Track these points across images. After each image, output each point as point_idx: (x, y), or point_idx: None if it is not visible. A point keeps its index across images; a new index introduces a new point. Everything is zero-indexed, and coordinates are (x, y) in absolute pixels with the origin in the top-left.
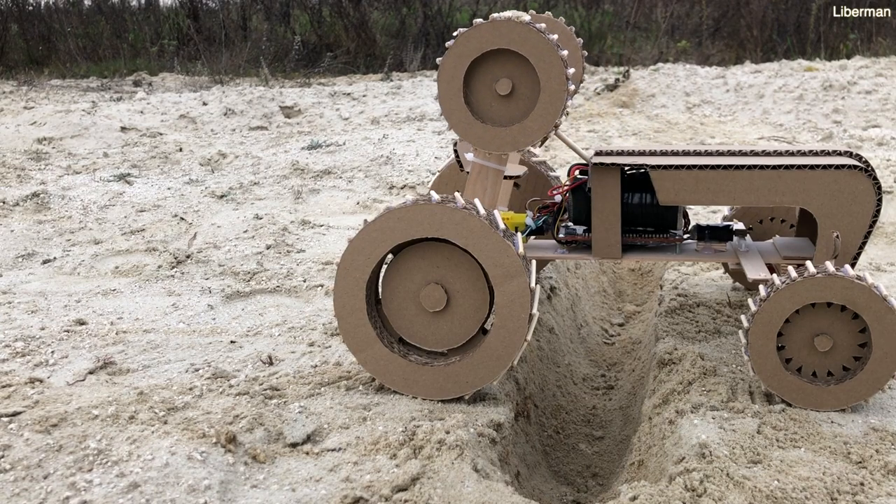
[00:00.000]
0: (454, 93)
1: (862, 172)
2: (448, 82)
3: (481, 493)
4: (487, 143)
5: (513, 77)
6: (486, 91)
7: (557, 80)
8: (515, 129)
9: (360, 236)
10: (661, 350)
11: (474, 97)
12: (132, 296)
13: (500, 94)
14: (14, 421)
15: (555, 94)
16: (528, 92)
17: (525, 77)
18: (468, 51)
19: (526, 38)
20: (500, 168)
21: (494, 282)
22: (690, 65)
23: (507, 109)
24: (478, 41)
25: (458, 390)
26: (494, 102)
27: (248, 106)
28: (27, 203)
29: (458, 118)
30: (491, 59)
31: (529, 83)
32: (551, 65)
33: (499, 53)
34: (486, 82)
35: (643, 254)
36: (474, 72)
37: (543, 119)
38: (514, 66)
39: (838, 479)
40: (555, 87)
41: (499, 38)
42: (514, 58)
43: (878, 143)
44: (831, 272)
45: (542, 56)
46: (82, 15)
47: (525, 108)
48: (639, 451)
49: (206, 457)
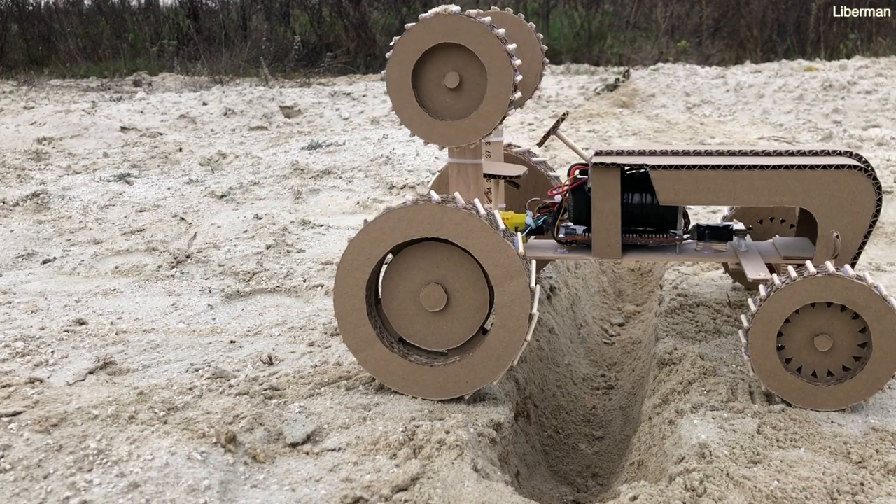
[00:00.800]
0: (404, 89)
1: (862, 172)
2: (397, 79)
3: (481, 493)
4: (439, 138)
5: (460, 70)
6: (435, 86)
7: (503, 71)
8: (466, 122)
9: (361, 236)
10: (661, 350)
11: (424, 92)
12: (132, 296)
13: (448, 87)
14: (14, 421)
15: (502, 85)
16: (476, 85)
17: (472, 70)
18: (415, 47)
19: (470, 31)
20: (477, 162)
21: (494, 282)
22: (690, 65)
23: (457, 103)
24: (423, 37)
25: (458, 390)
26: (444, 96)
27: (248, 106)
28: (27, 203)
29: (410, 114)
30: (438, 53)
31: (477, 76)
32: (496, 56)
33: (446, 48)
34: (435, 77)
35: (643, 254)
36: (423, 67)
37: (493, 110)
38: (460, 60)
39: (838, 479)
40: (501, 78)
41: (443, 32)
42: (461, 51)
43: (878, 143)
44: (831, 272)
45: (486, 48)
46: (82, 15)
47: (474, 101)
48: (639, 451)
49: (206, 457)
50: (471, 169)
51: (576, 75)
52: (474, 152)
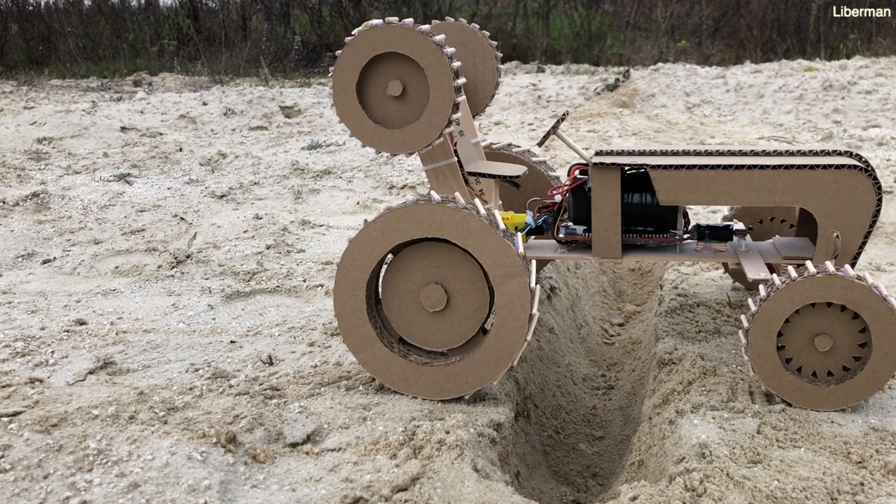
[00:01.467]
0: (349, 98)
1: (862, 172)
2: (342, 86)
3: (481, 493)
4: (387, 145)
5: (403, 79)
6: (380, 94)
7: (444, 78)
8: (411, 129)
9: (361, 236)
10: (661, 350)
11: (370, 101)
12: (132, 296)
13: (392, 95)
14: (14, 421)
15: (444, 92)
16: (419, 92)
17: (415, 78)
18: (358, 57)
19: (410, 40)
20: (450, 162)
21: (494, 282)
22: (690, 65)
23: (402, 111)
24: (365, 47)
25: (458, 390)
26: (389, 105)
27: (248, 106)
28: (27, 203)
29: (356, 122)
30: (382, 63)
31: (420, 84)
32: (436, 64)
33: (389, 57)
34: (380, 86)
35: (643, 254)
36: (368, 77)
37: (436, 117)
38: (403, 69)
39: (838, 479)
40: (442, 85)
41: (384, 42)
42: (403, 60)
43: (878, 143)
44: (831, 272)
45: (426, 56)
46: (82, 15)
47: (418, 108)
48: (639, 451)
49: (206, 457)
50: (447, 170)
51: (576, 75)
52: (444, 154)
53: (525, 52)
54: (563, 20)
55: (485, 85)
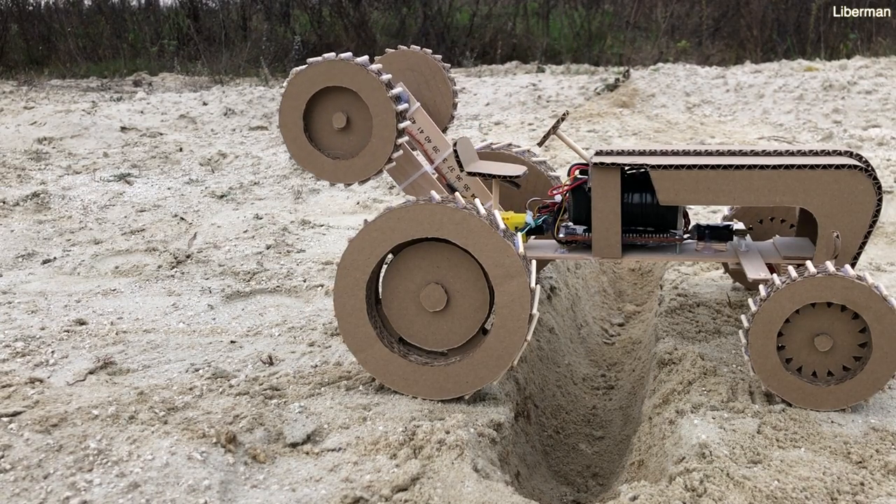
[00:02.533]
0: (296, 130)
1: (862, 172)
2: (288, 121)
3: (481, 493)
4: (334, 175)
5: (348, 111)
6: (326, 126)
7: (385, 110)
8: (357, 160)
9: (361, 236)
10: (661, 350)
11: (317, 133)
12: (132, 296)
13: (336, 127)
14: (14, 421)
15: (386, 124)
16: (363, 124)
17: (359, 110)
18: (303, 91)
19: (352, 74)
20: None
21: (494, 282)
22: (690, 65)
23: (348, 142)
24: (309, 81)
25: (459, 390)
26: (335, 136)
27: (248, 106)
28: (27, 203)
29: (303, 154)
30: (327, 96)
31: (364, 116)
32: (378, 97)
33: (334, 90)
34: (325, 118)
35: (643, 254)
36: (314, 109)
37: (380, 148)
38: (347, 102)
39: (838, 479)
40: (385, 117)
41: (328, 76)
42: (347, 93)
43: (878, 143)
44: (831, 272)
45: (368, 89)
46: (82, 15)
47: (363, 139)
48: (639, 451)
49: (206, 457)
50: (421, 181)
51: (576, 75)
52: (413, 167)
53: (525, 52)
54: (563, 20)
55: (442, 105)
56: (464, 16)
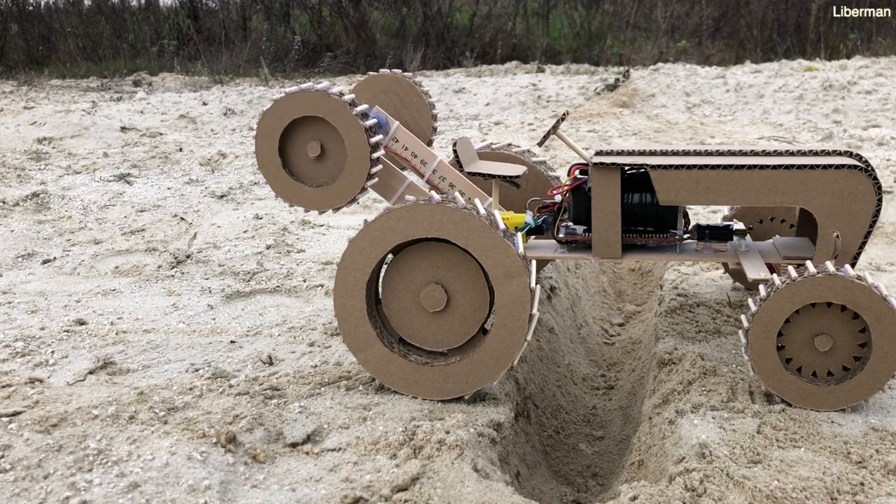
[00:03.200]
0: (272, 159)
1: (862, 172)
2: (264, 150)
3: (481, 493)
4: (309, 202)
5: (323, 140)
6: (302, 155)
7: (359, 140)
8: (332, 187)
9: (361, 236)
10: (661, 350)
11: (293, 161)
12: (132, 296)
13: (311, 156)
14: (14, 421)
15: (359, 153)
16: (338, 153)
17: (334, 140)
18: (278, 120)
19: (326, 105)
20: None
21: (495, 282)
22: (690, 65)
23: (323, 170)
24: (284, 111)
25: (459, 390)
26: (310, 165)
27: (248, 106)
28: (27, 203)
29: (279, 182)
30: (303, 125)
31: (338, 145)
32: (351, 127)
33: (309, 120)
34: (301, 147)
35: (643, 254)
36: (290, 138)
37: (354, 176)
38: (322, 131)
39: (838, 479)
40: (358, 146)
41: (303, 107)
42: (322, 123)
43: (878, 143)
44: (831, 272)
45: (342, 119)
46: (82, 15)
47: (338, 168)
48: (639, 451)
49: (206, 457)
50: (410, 192)
51: (576, 75)
52: (397, 180)
53: (525, 52)
54: (563, 20)
55: (421, 120)
56: (464, 16)
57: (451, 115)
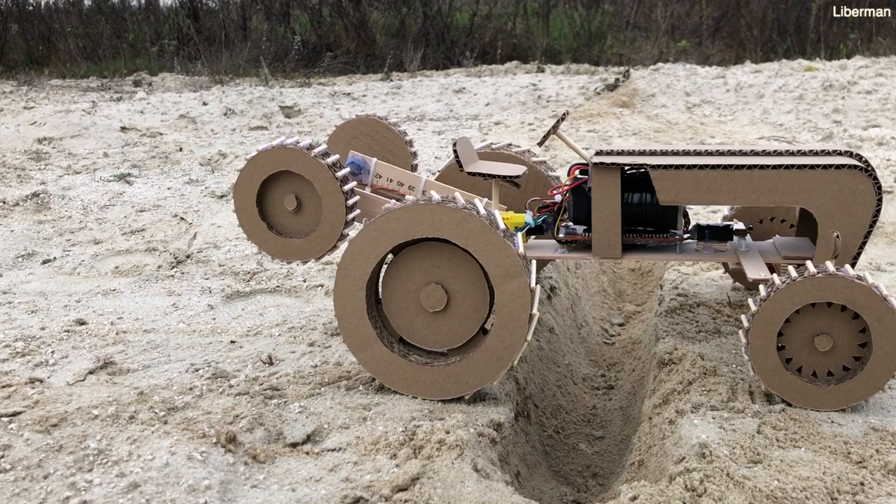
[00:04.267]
0: (250, 212)
1: (862, 172)
2: (242, 203)
3: (481, 493)
4: (287, 254)
5: (300, 194)
6: (279, 207)
7: (334, 194)
8: (309, 239)
9: (361, 236)
10: (661, 350)
11: (271, 213)
12: (132, 296)
13: (288, 209)
14: (14, 421)
15: (335, 207)
16: (314, 206)
17: (310, 194)
18: (256, 175)
19: (301, 161)
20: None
21: (495, 282)
22: (690, 65)
23: (300, 222)
24: (261, 167)
25: (459, 390)
26: (288, 217)
27: (248, 106)
28: (27, 203)
29: (258, 235)
30: (280, 179)
31: (315, 199)
32: (326, 182)
33: (287, 174)
34: (278, 200)
35: (643, 253)
36: (268, 192)
37: (330, 228)
38: (299, 185)
39: (838, 479)
40: (333, 200)
41: (280, 162)
42: (299, 177)
43: (878, 143)
44: (831, 272)
45: (317, 175)
46: (82, 15)
47: (314, 220)
48: (639, 450)
49: (206, 457)
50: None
51: (576, 75)
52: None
53: (525, 52)
54: (563, 20)
55: (398, 151)
56: (464, 16)
57: (451, 115)
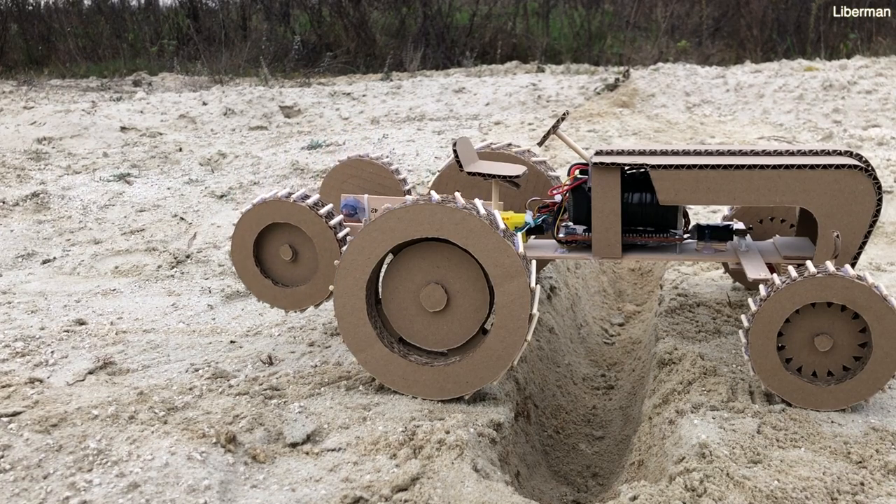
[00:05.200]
0: (247, 261)
1: (862, 172)
2: (240, 252)
3: (481, 493)
4: (283, 302)
5: (296, 244)
6: (276, 257)
7: (329, 244)
8: (304, 289)
9: (361, 236)
10: (661, 350)
11: (268, 262)
12: (132, 296)
13: (285, 259)
14: (14, 421)
15: (330, 252)
16: (310, 256)
17: (306, 244)
18: (253, 226)
19: (297, 213)
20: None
21: (494, 282)
22: (690, 65)
23: (296, 271)
24: (258, 218)
25: (458, 390)
26: (284, 266)
27: (248, 106)
28: (27, 203)
29: (255, 283)
30: (277, 230)
31: (310, 249)
32: (321, 232)
33: (284, 225)
34: (275, 249)
35: (643, 253)
36: (265, 241)
37: (324, 279)
38: (295, 236)
39: (838, 479)
40: (328, 250)
41: (275, 214)
42: (295, 228)
43: (878, 143)
44: (831, 272)
45: (312, 226)
46: (82, 15)
47: (310, 270)
48: (639, 450)
49: (206, 457)
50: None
51: (576, 75)
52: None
53: (525, 52)
54: (563, 20)
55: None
56: (464, 16)
57: (451, 115)
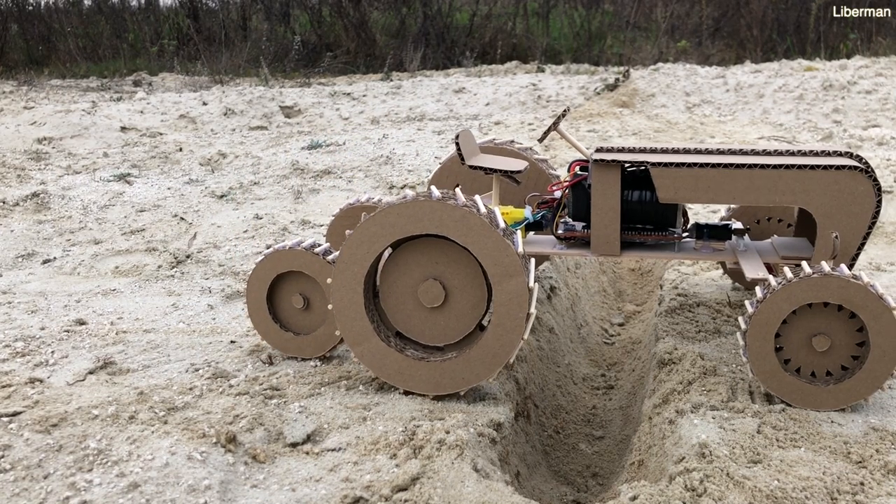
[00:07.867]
0: (261, 309)
1: (862, 173)
2: (254, 300)
3: (481, 493)
4: (295, 350)
5: (307, 292)
6: (288, 305)
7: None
8: (315, 336)
9: (360, 231)
10: (661, 350)
11: (281, 310)
12: (132, 296)
13: (297, 307)
14: (14, 421)
15: None
16: (321, 304)
17: (317, 291)
18: (266, 274)
19: (308, 262)
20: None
21: (493, 280)
22: (690, 65)
23: (308, 319)
24: (272, 266)
25: (454, 386)
26: (297, 314)
27: (248, 106)
28: (27, 203)
29: (268, 331)
30: (290, 278)
31: (322, 296)
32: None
33: (295, 273)
34: (287, 298)
35: (642, 251)
36: (279, 289)
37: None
38: (307, 284)
39: (838, 479)
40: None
41: (289, 263)
42: (305, 276)
43: (878, 143)
44: (827, 272)
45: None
46: (82, 15)
47: (321, 318)
48: (639, 450)
49: (206, 457)
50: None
51: (576, 75)
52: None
53: (525, 52)
54: (563, 20)
55: None
56: (464, 16)
57: (451, 115)
